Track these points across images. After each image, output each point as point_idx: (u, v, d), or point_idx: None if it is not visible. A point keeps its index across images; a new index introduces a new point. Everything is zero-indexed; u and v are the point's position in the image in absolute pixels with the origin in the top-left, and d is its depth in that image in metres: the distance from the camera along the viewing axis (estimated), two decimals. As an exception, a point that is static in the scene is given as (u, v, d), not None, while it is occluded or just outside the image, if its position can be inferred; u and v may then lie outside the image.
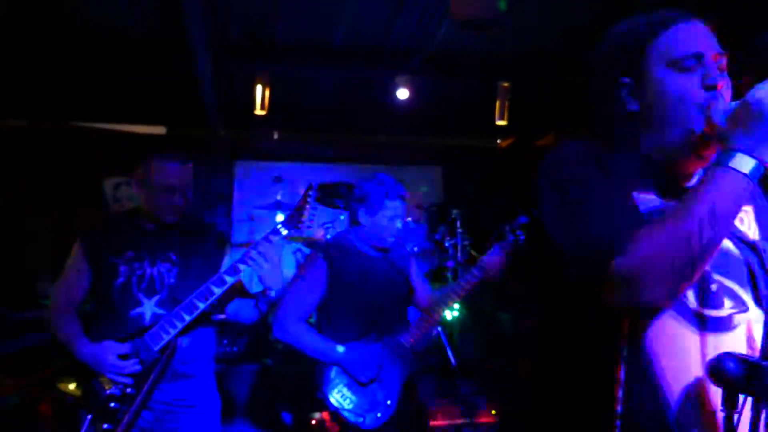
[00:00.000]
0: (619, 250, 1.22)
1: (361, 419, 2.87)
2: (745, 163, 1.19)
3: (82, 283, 2.64)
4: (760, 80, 1.23)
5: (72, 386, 2.49)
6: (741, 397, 1.25)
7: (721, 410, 1.28)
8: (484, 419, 3.98)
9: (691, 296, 1.34)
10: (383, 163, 6.74)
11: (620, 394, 1.31)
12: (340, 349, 2.89)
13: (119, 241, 2.65)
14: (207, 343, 2.74)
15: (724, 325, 1.35)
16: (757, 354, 1.30)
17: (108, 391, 2.46)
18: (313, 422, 3.95)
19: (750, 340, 1.36)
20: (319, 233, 5.19)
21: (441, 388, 4.32)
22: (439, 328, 4.57)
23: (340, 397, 2.89)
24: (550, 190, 1.39)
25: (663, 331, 1.33)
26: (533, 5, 4.41)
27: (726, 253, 1.38)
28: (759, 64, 3.52)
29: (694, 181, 1.41)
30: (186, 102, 5.95)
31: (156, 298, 2.61)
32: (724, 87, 1.33)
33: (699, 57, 1.34)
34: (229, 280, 2.50)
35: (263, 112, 5.44)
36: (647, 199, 1.37)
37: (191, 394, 2.65)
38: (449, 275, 5.05)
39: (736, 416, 1.27)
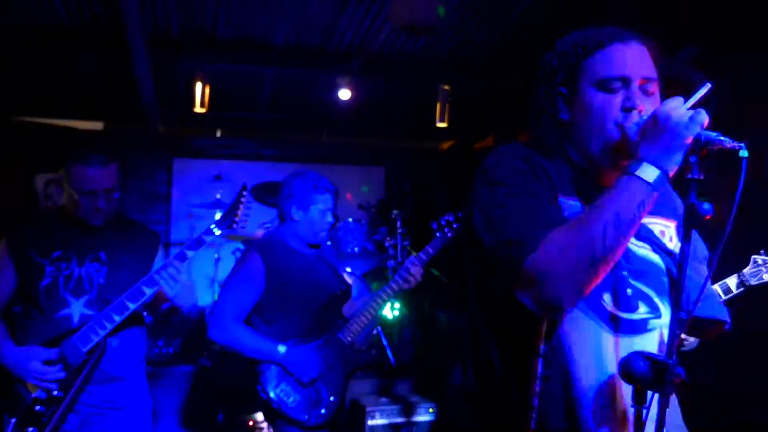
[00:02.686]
0: (534, 249, 1.30)
1: (305, 416, 2.88)
2: (650, 173, 1.27)
3: (6, 283, 2.55)
4: (676, 94, 1.31)
5: (-6, 390, 2.41)
6: (649, 394, 1.33)
7: (632, 406, 1.36)
8: (421, 418, 4.03)
9: (607, 298, 1.41)
10: (325, 162, 6.74)
11: (537, 388, 1.38)
12: (282, 348, 2.88)
13: (46, 240, 2.56)
14: (137, 344, 2.70)
15: (637, 327, 1.43)
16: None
17: (33, 395, 2.39)
18: (250, 423, 3.95)
19: (662, 344, 1.44)
20: (258, 233, 5.16)
21: (380, 388, 4.36)
22: (379, 328, 4.61)
23: (283, 395, 2.88)
24: (481, 191, 1.45)
25: (579, 329, 1.40)
26: (473, 10, 4.49)
27: (646, 261, 1.47)
28: (682, 76, 3.70)
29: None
30: (124, 98, 5.81)
31: (84, 298, 2.54)
32: (646, 110, 1.38)
33: (625, 81, 1.42)
34: (160, 280, 2.46)
35: (203, 110, 5.37)
36: (571, 204, 1.45)
37: (121, 396, 2.60)
38: (390, 275, 5.09)
39: (644, 412, 1.35)
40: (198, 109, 5.34)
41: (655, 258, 1.49)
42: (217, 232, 2.56)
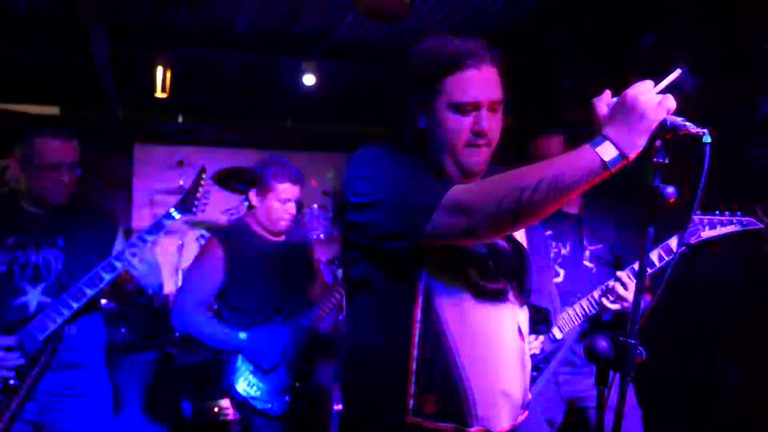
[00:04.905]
0: (442, 194, 1.41)
1: (269, 405, 2.87)
2: (608, 151, 1.30)
3: None
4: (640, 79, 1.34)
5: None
6: (611, 374, 1.38)
7: (594, 386, 1.41)
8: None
9: (471, 269, 1.56)
10: (289, 148, 6.68)
11: (415, 352, 1.52)
12: (242, 335, 2.86)
13: None
14: (96, 330, 2.66)
15: (498, 296, 1.60)
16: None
17: None
18: (215, 410, 3.92)
19: (514, 315, 1.64)
20: (222, 219, 5.11)
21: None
22: (344, 313, 4.61)
23: (246, 385, 2.87)
24: (369, 178, 1.54)
25: (451, 297, 1.55)
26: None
27: (500, 247, 1.64)
28: (642, 64, 3.76)
29: None
30: (82, 82, 5.68)
31: (42, 285, 2.49)
32: (492, 130, 1.56)
33: (476, 105, 1.54)
34: (119, 266, 2.42)
35: (164, 95, 5.27)
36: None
37: (80, 383, 2.57)
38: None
39: (606, 391, 1.39)
40: (159, 94, 5.23)
41: (505, 245, 1.67)
42: (177, 216, 2.53)
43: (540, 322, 1.87)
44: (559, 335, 2.51)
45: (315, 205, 5.29)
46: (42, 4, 4.52)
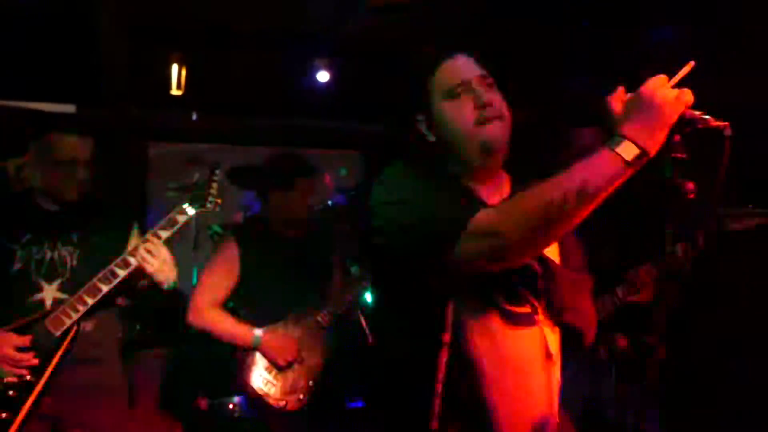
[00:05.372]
0: (469, 218, 1.36)
1: (283, 403, 2.87)
2: (628, 150, 1.27)
3: None
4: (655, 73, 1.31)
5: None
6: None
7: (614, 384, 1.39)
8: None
9: (499, 293, 1.52)
10: (302, 146, 6.66)
11: (442, 375, 1.47)
12: (257, 333, 2.87)
13: (14, 224, 2.51)
14: (111, 326, 2.67)
15: (526, 321, 1.55)
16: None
17: (5, 380, 2.35)
18: (231, 406, 3.92)
19: (543, 339, 1.58)
20: (237, 216, 5.12)
21: (359, 369, 4.35)
22: (359, 311, 4.60)
23: (261, 381, 2.88)
24: (393, 204, 1.52)
25: (479, 321, 1.51)
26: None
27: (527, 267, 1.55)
28: (654, 57, 3.72)
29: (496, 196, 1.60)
30: (97, 80, 5.70)
31: (57, 282, 2.50)
32: (495, 101, 1.55)
33: (466, 83, 1.55)
34: (134, 261, 2.44)
35: (179, 92, 5.29)
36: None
37: (96, 378, 2.58)
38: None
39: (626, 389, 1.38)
40: (174, 92, 5.25)
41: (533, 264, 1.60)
42: (191, 211, 2.54)
43: (573, 342, 1.78)
44: None
45: (330, 202, 5.27)
46: (56, 1, 4.54)
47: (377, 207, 1.55)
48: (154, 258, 2.44)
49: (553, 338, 1.62)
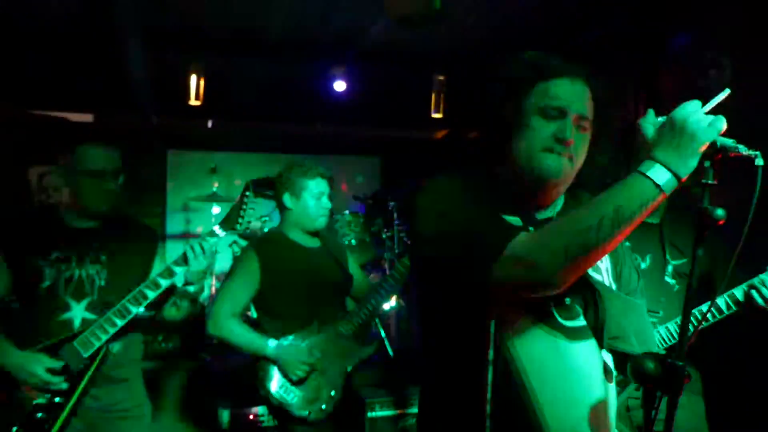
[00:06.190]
0: (507, 240, 1.35)
1: (306, 412, 2.89)
2: (661, 175, 1.28)
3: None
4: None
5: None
6: (658, 395, 1.36)
7: (641, 407, 1.38)
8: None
9: (550, 306, 1.49)
10: (320, 152, 6.71)
11: (489, 395, 1.44)
12: (272, 344, 2.89)
13: (44, 240, 2.51)
14: (135, 346, 2.69)
15: (579, 334, 1.51)
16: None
17: (35, 401, 2.37)
18: (251, 417, 3.95)
19: (599, 353, 1.54)
20: (256, 225, 5.15)
21: (378, 379, 4.37)
22: (377, 319, 4.61)
23: (283, 391, 2.89)
24: (434, 216, 1.50)
25: (525, 336, 1.47)
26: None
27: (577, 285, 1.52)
28: (674, 65, 3.71)
29: (549, 210, 1.59)
30: (116, 89, 5.76)
31: (86, 301, 2.51)
32: (574, 145, 1.49)
33: (562, 112, 1.49)
34: (164, 283, 2.46)
35: (198, 103, 5.33)
36: (513, 221, 1.55)
37: (123, 398, 2.59)
38: (386, 266, 5.10)
39: (653, 412, 1.37)
40: (193, 102, 5.30)
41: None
42: (222, 233, 2.56)
43: (621, 370, 1.68)
44: None
45: (346, 212, 5.29)
46: (78, 11, 4.60)
47: (422, 212, 1.54)
48: (199, 262, 2.47)
49: (609, 357, 1.58)
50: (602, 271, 1.64)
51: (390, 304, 4.98)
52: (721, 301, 2.33)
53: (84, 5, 4.52)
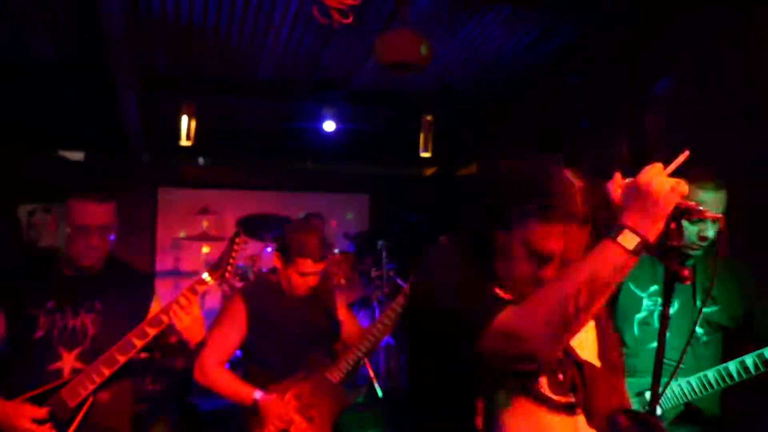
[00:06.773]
0: (497, 312, 1.36)
1: None
2: (629, 239, 1.31)
3: None
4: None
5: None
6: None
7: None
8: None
9: (543, 382, 1.50)
10: (310, 190, 6.78)
11: None
12: (256, 396, 2.87)
13: (39, 288, 2.51)
14: (125, 395, 2.67)
15: (568, 410, 1.51)
16: None
17: None
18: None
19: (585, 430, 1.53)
20: (243, 264, 5.17)
21: (367, 420, 4.34)
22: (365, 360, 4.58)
23: None
24: (438, 288, 1.52)
25: (515, 409, 1.47)
26: (453, 43, 4.60)
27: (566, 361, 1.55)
28: (655, 112, 3.79)
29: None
30: (107, 127, 5.82)
31: (77, 350, 2.49)
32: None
33: (550, 258, 1.47)
34: (151, 332, 2.44)
35: (189, 143, 5.38)
36: (502, 294, 1.53)
37: None
38: (374, 306, 5.11)
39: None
40: (184, 143, 5.34)
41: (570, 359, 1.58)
42: (210, 281, 2.56)
43: None
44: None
45: (336, 251, 5.32)
46: (70, 52, 4.67)
47: (421, 285, 1.58)
48: (187, 315, 2.46)
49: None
50: (589, 348, 1.65)
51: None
52: (732, 367, 2.28)
53: (78, 48, 4.59)
